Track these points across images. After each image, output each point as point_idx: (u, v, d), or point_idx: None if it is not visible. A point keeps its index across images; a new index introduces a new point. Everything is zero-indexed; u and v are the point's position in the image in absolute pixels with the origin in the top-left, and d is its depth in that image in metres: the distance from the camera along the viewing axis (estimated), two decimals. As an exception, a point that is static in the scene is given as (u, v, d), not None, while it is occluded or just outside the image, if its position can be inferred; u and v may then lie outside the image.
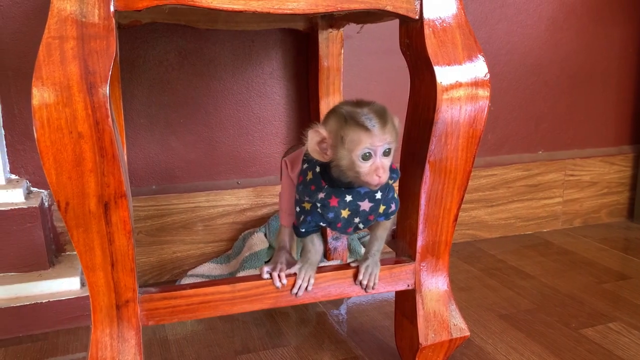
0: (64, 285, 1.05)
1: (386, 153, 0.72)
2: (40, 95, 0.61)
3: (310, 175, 0.78)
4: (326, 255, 1.25)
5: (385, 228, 0.85)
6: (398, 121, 0.76)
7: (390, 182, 0.80)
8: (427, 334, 0.85)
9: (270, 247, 1.21)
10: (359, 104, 0.73)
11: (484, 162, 1.53)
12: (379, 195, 0.78)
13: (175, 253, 1.26)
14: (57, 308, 1.03)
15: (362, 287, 0.83)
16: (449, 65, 0.77)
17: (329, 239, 1.25)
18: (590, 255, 1.45)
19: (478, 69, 0.78)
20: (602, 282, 1.28)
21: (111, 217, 0.68)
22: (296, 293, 0.80)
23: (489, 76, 0.79)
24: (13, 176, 1.13)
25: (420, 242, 0.85)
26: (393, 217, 0.84)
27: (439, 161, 0.81)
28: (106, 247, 0.69)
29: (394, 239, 0.93)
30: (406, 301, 0.88)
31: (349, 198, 0.77)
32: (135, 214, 1.21)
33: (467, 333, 0.88)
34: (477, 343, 1.01)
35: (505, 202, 1.56)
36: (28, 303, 1.02)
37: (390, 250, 0.98)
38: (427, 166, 0.81)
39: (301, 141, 0.82)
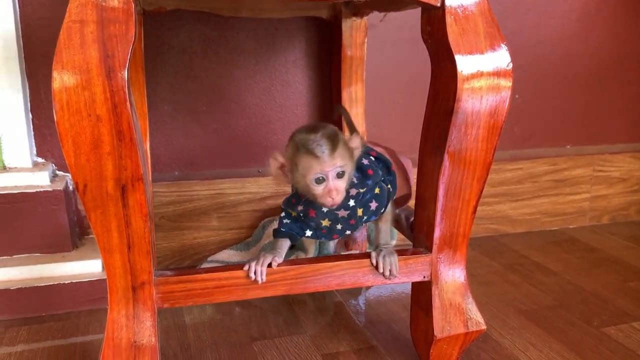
0: (86, 267, 1.08)
1: (339, 175, 0.76)
2: (60, 78, 0.62)
3: (291, 190, 0.84)
4: (346, 245, 1.25)
5: (385, 220, 0.88)
6: (357, 138, 0.79)
7: (363, 190, 0.82)
8: (442, 327, 0.85)
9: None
10: (314, 129, 0.76)
11: (509, 156, 1.50)
12: (352, 202, 0.81)
13: (196, 239, 1.27)
14: (79, 289, 1.06)
15: (384, 277, 0.83)
16: (470, 54, 0.75)
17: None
18: (617, 253, 1.41)
19: (500, 58, 0.77)
20: (628, 281, 1.24)
21: (128, 200, 0.68)
22: (253, 278, 0.77)
23: (511, 66, 0.77)
24: (39, 159, 1.15)
25: (437, 233, 0.84)
26: (390, 205, 0.87)
27: (459, 152, 0.79)
28: (123, 230, 0.70)
29: (411, 231, 0.92)
30: (422, 293, 0.88)
31: (325, 209, 0.81)
32: (158, 199, 1.23)
33: (484, 327, 0.86)
34: (494, 338, 1.00)
35: (531, 197, 1.53)
36: (51, 283, 1.04)
37: (400, 241, 0.97)
38: (446, 156, 0.79)
39: None
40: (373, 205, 0.84)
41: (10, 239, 1.06)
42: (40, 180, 1.09)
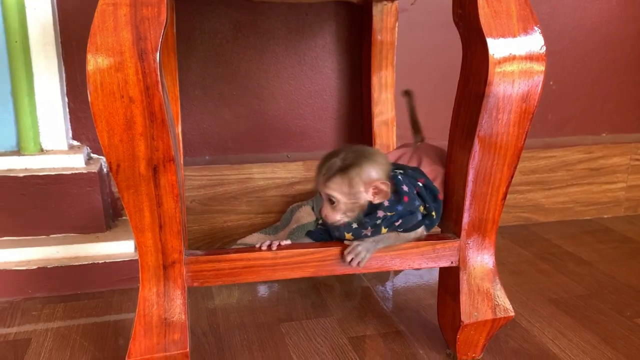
0: (120, 248, 1.10)
1: (331, 202, 0.79)
2: (95, 60, 0.64)
3: None
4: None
5: (397, 236, 0.83)
6: (384, 185, 0.77)
7: (391, 213, 0.81)
8: (470, 312, 0.84)
9: (317, 220, 1.22)
10: (338, 153, 0.80)
11: (542, 143, 1.47)
12: (379, 221, 0.81)
13: (226, 222, 1.29)
14: (112, 269, 1.09)
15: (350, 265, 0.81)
16: (502, 37, 0.74)
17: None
18: (653, 244, 1.38)
19: (533, 41, 0.75)
20: (664, 272, 1.22)
21: (160, 180, 0.70)
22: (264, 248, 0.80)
23: (545, 49, 0.76)
24: (75, 142, 1.18)
25: (466, 219, 0.83)
26: (407, 236, 0.84)
27: (489, 136, 0.78)
28: (155, 209, 0.71)
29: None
30: (450, 278, 0.87)
31: (354, 225, 0.82)
32: (189, 183, 1.25)
33: (512, 313, 0.86)
34: (523, 326, 0.99)
35: (564, 186, 1.50)
36: (86, 263, 1.07)
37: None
38: (476, 141, 0.78)
39: None
40: (397, 223, 0.82)
41: (47, 218, 1.09)
42: (76, 162, 1.12)
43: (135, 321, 0.74)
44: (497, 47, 0.74)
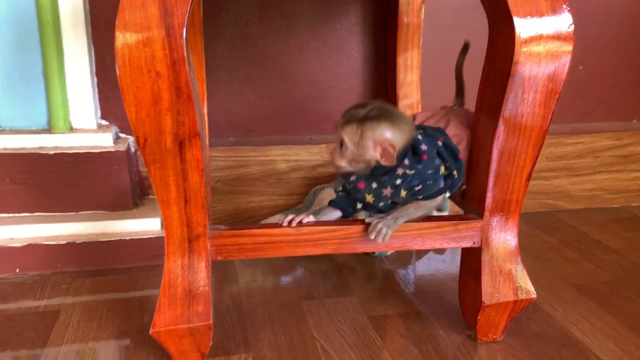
0: (146, 225, 1.13)
1: (341, 146, 0.81)
2: (123, 36, 0.65)
3: None
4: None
5: (420, 204, 0.83)
6: (391, 148, 0.78)
7: (411, 172, 0.81)
8: (491, 293, 0.84)
9: (336, 190, 1.23)
10: (365, 105, 0.81)
11: (570, 129, 1.45)
12: (398, 181, 0.81)
13: (250, 203, 1.31)
14: (138, 246, 1.11)
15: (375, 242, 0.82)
16: (529, 16, 0.73)
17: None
18: (683, 232, 1.35)
19: (561, 21, 0.74)
20: (693, 261, 1.19)
21: (185, 155, 0.71)
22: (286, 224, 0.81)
23: (573, 28, 0.74)
24: (103, 122, 1.21)
25: (489, 199, 0.83)
26: (428, 204, 0.84)
27: (514, 117, 0.78)
28: (180, 184, 0.73)
29: (462, 198, 0.91)
30: (471, 259, 0.87)
31: (374, 185, 0.83)
32: (214, 164, 1.26)
33: (534, 296, 0.85)
34: (545, 310, 0.99)
35: (592, 173, 1.48)
36: (113, 239, 1.10)
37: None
38: (501, 121, 0.78)
39: None
40: (417, 188, 0.82)
41: (76, 196, 1.12)
42: (104, 141, 1.14)
43: (160, 293, 0.76)
44: (523, 26, 0.73)
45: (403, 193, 0.82)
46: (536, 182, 1.45)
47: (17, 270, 1.07)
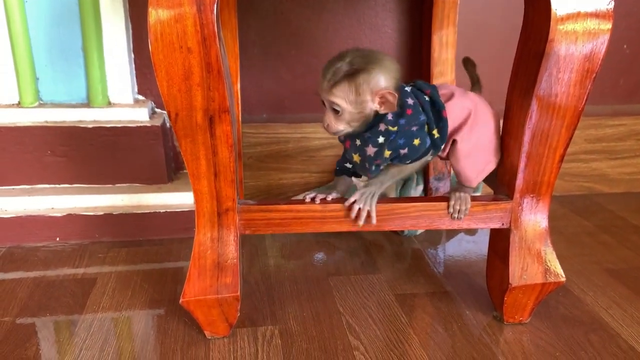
0: (180, 199, 1.16)
1: (334, 111, 0.75)
2: (155, 12, 0.67)
3: None
4: (427, 194, 1.25)
5: (405, 167, 0.82)
6: (391, 95, 0.73)
7: (394, 128, 0.77)
8: (519, 275, 0.83)
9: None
10: (344, 56, 0.75)
11: (611, 110, 1.41)
12: (381, 139, 0.77)
13: (281, 180, 1.32)
14: (172, 218, 1.14)
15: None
16: (567, -9, 0.71)
17: (431, 179, 1.23)
18: None
19: (601, -4, 0.72)
20: None
21: (215, 130, 0.72)
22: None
23: (612, 5, 0.72)
24: (140, 97, 1.23)
25: (519, 180, 0.81)
26: (412, 166, 0.82)
27: (548, 96, 0.76)
28: (210, 158, 0.74)
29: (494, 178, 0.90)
30: (500, 240, 0.86)
31: (358, 142, 0.80)
32: (246, 140, 1.28)
33: (563, 279, 0.84)
34: (576, 293, 0.97)
35: (633, 156, 1.43)
36: (148, 211, 1.13)
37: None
38: (534, 100, 0.76)
39: None
40: (403, 151, 0.79)
41: (113, 168, 1.15)
42: (141, 115, 1.17)
43: (190, 264, 0.78)
44: (560, 2, 0.71)
45: (387, 153, 0.78)
46: (574, 165, 1.41)
47: (58, 239, 1.12)
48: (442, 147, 0.82)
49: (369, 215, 0.80)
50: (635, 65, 1.39)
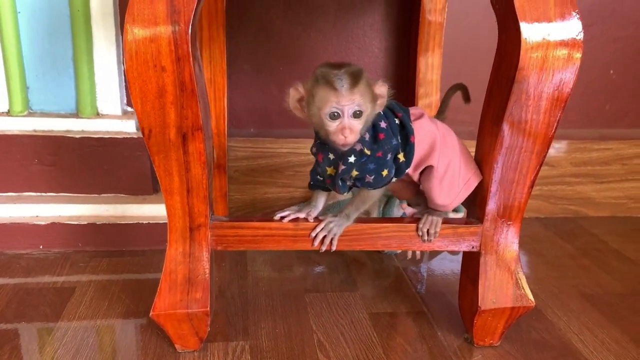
0: (164, 211, 1.16)
1: (356, 115, 0.72)
2: (131, 30, 0.68)
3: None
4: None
5: (368, 195, 0.82)
6: (383, 87, 0.75)
7: (367, 151, 0.77)
8: (489, 298, 0.84)
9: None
10: (339, 65, 0.72)
11: (597, 135, 1.42)
12: (352, 159, 0.77)
13: (266, 194, 1.33)
14: (155, 230, 1.15)
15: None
16: (537, 22, 0.72)
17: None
18: None
19: (570, 27, 0.73)
20: None
21: (188, 147, 0.74)
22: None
23: (582, 36, 0.73)
24: (128, 108, 1.25)
25: (490, 205, 0.82)
26: (376, 192, 0.82)
27: (518, 123, 0.77)
28: (183, 175, 0.75)
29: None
30: (471, 263, 0.87)
31: (331, 156, 0.79)
32: (233, 153, 1.29)
33: (532, 303, 0.85)
34: (549, 317, 0.98)
35: (618, 180, 1.44)
36: (132, 222, 1.15)
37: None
38: (505, 126, 0.77)
39: None
40: (369, 177, 0.79)
41: (99, 179, 1.17)
42: (128, 127, 1.18)
43: (161, 278, 0.80)
44: (530, 31, 0.72)
45: (354, 173, 0.79)
46: (559, 187, 1.42)
47: (41, 247, 1.13)
48: (406, 171, 0.83)
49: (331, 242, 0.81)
50: (622, 90, 1.40)
